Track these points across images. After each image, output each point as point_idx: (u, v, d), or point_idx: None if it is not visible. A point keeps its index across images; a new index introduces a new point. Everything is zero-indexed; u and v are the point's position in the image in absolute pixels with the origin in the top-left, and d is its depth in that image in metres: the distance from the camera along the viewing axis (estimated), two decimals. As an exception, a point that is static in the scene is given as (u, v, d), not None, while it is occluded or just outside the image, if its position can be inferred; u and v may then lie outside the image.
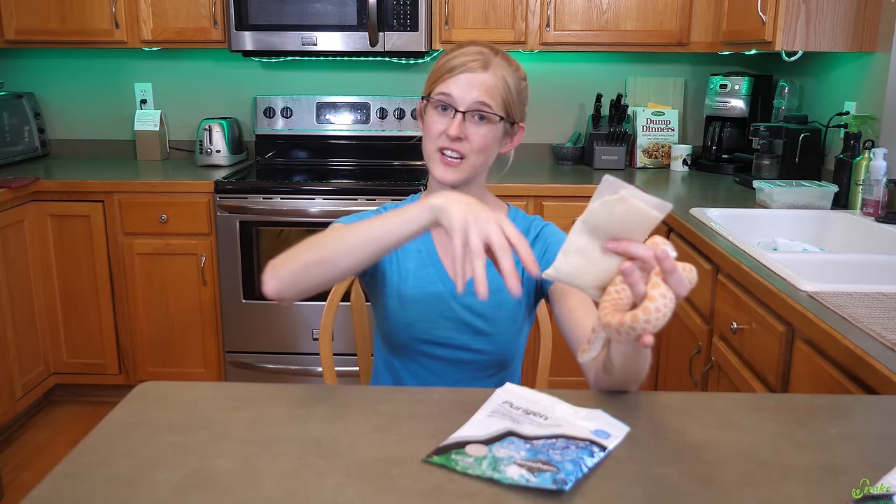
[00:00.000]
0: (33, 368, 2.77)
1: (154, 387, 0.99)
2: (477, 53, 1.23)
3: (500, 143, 1.28)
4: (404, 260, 1.32)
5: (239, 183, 2.73)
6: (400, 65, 3.23)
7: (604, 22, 2.87)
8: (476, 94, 1.21)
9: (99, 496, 0.74)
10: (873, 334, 1.22)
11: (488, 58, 1.23)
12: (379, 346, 1.41)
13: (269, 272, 1.07)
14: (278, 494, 0.74)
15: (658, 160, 3.16)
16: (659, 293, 0.80)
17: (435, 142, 1.24)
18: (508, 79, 1.24)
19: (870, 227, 2.03)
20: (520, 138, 1.32)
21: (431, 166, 1.26)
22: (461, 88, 1.21)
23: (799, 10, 2.29)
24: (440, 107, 1.23)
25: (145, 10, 2.88)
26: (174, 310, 2.82)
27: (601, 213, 0.81)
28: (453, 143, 1.22)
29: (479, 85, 1.21)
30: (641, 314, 0.80)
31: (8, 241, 2.61)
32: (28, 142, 3.15)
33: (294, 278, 1.05)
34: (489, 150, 1.26)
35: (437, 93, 1.23)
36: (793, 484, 0.76)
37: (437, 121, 1.24)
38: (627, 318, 0.80)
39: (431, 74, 1.26)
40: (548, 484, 0.74)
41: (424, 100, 1.27)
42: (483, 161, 1.26)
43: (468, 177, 1.26)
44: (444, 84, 1.22)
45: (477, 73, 1.21)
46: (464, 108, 1.21)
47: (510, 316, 1.30)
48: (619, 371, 0.99)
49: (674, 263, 0.81)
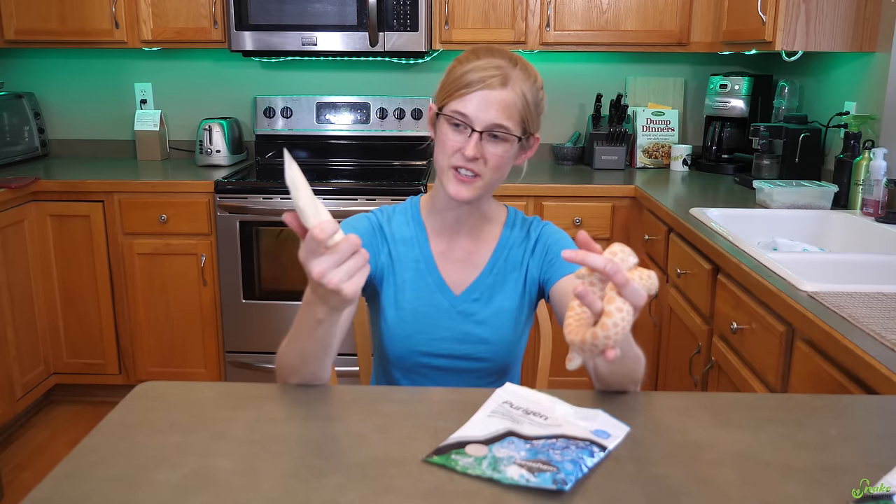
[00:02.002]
0: (33, 368, 2.77)
1: (154, 387, 0.99)
2: (495, 69, 1.16)
3: (515, 156, 1.24)
4: (402, 271, 1.30)
5: (239, 183, 2.73)
6: (400, 65, 3.23)
7: (604, 22, 2.87)
8: (494, 114, 1.16)
9: (99, 496, 0.74)
10: (873, 334, 1.22)
11: (507, 73, 1.17)
12: (377, 363, 1.40)
13: (277, 371, 1.07)
14: (278, 494, 0.74)
15: (658, 160, 3.16)
16: (615, 308, 0.80)
17: (449, 158, 1.20)
18: (527, 93, 1.19)
19: (870, 227, 2.03)
20: (535, 149, 1.28)
21: (444, 182, 1.22)
22: (478, 107, 1.16)
23: (799, 10, 2.29)
24: (454, 123, 1.19)
25: (145, 10, 2.89)
26: (174, 310, 2.82)
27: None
28: (469, 162, 1.18)
29: (496, 104, 1.16)
30: (600, 331, 0.80)
31: (8, 241, 2.61)
32: (28, 142, 3.15)
33: (300, 380, 1.05)
34: (505, 168, 1.23)
35: (451, 110, 1.18)
36: (793, 484, 0.76)
37: (451, 137, 1.19)
38: (588, 336, 0.80)
39: (446, 84, 1.21)
40: (548, 484, 0.74)
41: (438, 112, 1.22)
42: (498, 178, 1.23)
43: (482, 194, 1.23)
44: (460, 101, 1.17)
45: (495, 91, 1.16)
46: (480, 128, 1.17)
47: (510, 322, 1.29)
48: (610, 376, 0.99)
49: (625, 277, 0.79)
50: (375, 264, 1.30)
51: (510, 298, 1.30)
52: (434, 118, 1.24)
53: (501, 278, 1.30)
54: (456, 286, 1.30)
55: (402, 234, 1.32)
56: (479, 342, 1.28)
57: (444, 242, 1.32)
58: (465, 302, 1.29)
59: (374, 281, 1.31)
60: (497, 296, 1.29)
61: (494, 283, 1.30)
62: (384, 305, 1.30)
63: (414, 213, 1.34)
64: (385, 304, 1.30)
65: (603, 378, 1.00)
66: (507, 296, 1.30)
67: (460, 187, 1.20)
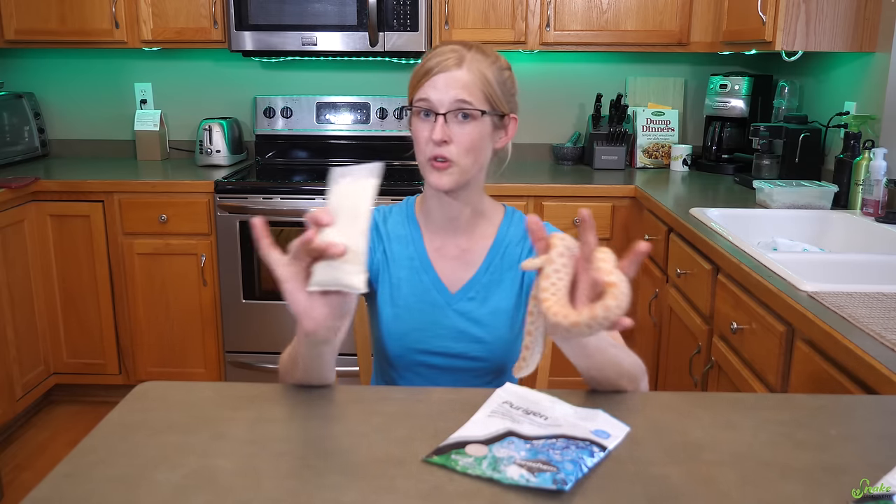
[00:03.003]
0: (33, 368, 2.77)
1: (154, 387, 0.99)
2: (450, 52, 1.21)
3: (491, 139, 1.25)
4: (396, 269, 1.30)
5: (239, 183, 2.73)
6: (400, 65, 3.23)
7: (604, 22, 2.87)
8: (454, 92, 1.19)
9: (99, 496, 0.74)
10: (873, 334, 1.22)
11: (461, 54, 1.20)
12: (375, 363, 1.40)
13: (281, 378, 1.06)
14: (278, 494, 0.74)
15: (658, 160, 3.16)
16: (616, 278, 0.79)
17: (424, 151, 1.22)
18: (486, 71, 1.21)
19: (870, 227, 2.03)
20: (514, 130, 1.28)
21: (425, 175, 1.24)
22: (438, 90, 1.19)
23: (799, 10, 2.29)
24: (422, 113, 1.21)
25: (145, 10, 2.89)
26: (174, 310, 2.82)
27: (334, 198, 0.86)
28: (439, 147, 1.20)
29: (455, 83, 1.19)
30: (612, 301, 0.77)
31: (8, 241, 2.61)
32: (28, 142, 3.15)
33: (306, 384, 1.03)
34: (478, 149, 1.22)
35: (416, 100, 1.21)
36: (793, 484, 0.76)
37: (421, 128, 1.22)
38: (599, 311, 0.78)
39: (410, 81, 1.24)
40: (548, 484, 0.74)
41: (408, 110, 1.25)
42: (474, 160, 1.23)
43: (462, 180, 1.23)
44: (422, 89, 1.20)
45: (452, 72, 1.19)
46: (444, 109, 1.19)
47: (506, 321, 1.29)
48: (593, 373, 0.97)
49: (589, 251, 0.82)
50: (372, 262, 1.30)
51: (506, 298, 1.29)
52: (410, 121, 1.27)
53: (497, 277, 1.30)
54: (451, 284, 1.30)
55: (397, 232, 1.32)
56: (475, 341, 1.28)
57: (439, 240, 1.32)
58: (460, 300, 1.29)
59: (370, 280, 1.31)
60: (493, 295, 1.29)
61: (490, 282, 1.30)
62: (380, 303, 1.30)
63: (409, 211, 1.34)
64: (381, 302, 1.30)
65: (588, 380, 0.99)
66: (503, 295, 1.30)
67: (439, 176, 1.22)
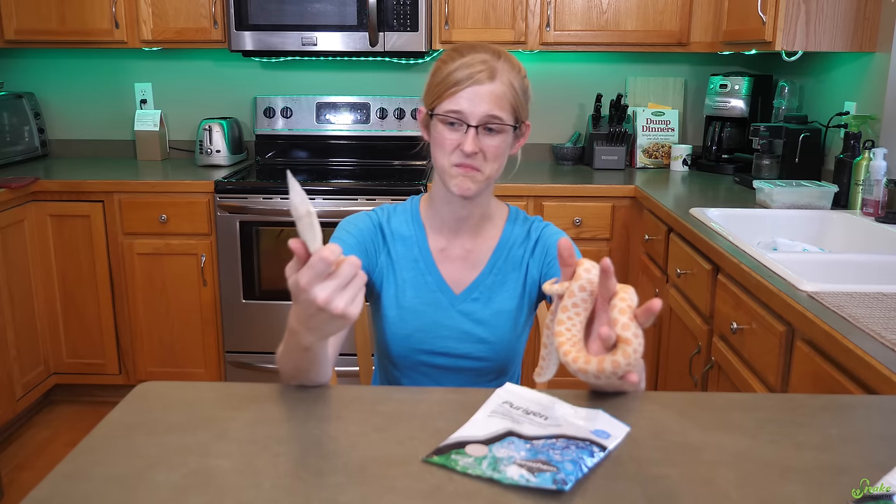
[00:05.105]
0: (33, 368, 2.77)
1: (154, 387, 0.99)
2: (481, 63, 1.18)
3: (511, 146, 1.26)
4: (400, 270, 1.30)
5: (239, 183, 2.73)
6: (400, 65, 3.23)
7: (604, 22, 2.87)
8: (486, 106, 1.18)
9: (99, 496, 0.74)
10: (873, 334, 1.22)
11: (493, 66, 1.19)
12: (378, 361, 1.40)
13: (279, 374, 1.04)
14: (278, 494, 0.74)
15: (658, 160, 3.16)
16: (632, 334, 0.81)
17: (449, 157, 1.21)
18: (515, 83, 1.21)
19: (870, 227, 2.03)
20: (527, 136, 1.30)
21: (447, 180, 1.23)
22: (470, 102, 1.18)
23: (799, 10, 2.29)
24: (449, 122, 1.20)
25: (145, 10, 2.89)
26: (174, 310, 2.82)
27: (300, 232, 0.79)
28: (469, 158, 1.20)
29: (487, 96, 1.18)
30: (622, 359, 0.80)
31: (8, 241, 2.61)
32: (28, 142, 3.15)
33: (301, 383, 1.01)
34: (503, 158, 1.24)
35: (445, 110, 1.19)
36: (793, 484, 0.76)
37: (448, 136, 1.20)
38: (608, 366, 0.81)
39: (434, 86, 1.22)
40: (548, 484, 0.74)
41: (430, 114, 1.23)
42: (498, 168, 1.25)
43: (485, 187, 1.25)
44: (452, 100, 1.18)
45: (484, 85, 1.18)
46: (475, 122, 1.18)
47: (510, 322, 1.29)
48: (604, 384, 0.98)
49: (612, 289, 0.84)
50: (376, 263, 1.30)
51: (510, 299, 1.30)
52: (426, 120, 1.25)
53: (501, 278, 1.30)
54: (456, 285, 1.30)
55: (402, 232, 1.32)
56: (479, 342, 1.28)
57: (444, 241, 1.32)
58: (464, 301, 1.29)
59: (374, 281, 1.31)
60: (497, 296, 1.30)
61: (494, 283, 1.30)
62: (385, 304, 1.30)
63: (413, 212, 1.34)
64: (386, 303, 1.30)
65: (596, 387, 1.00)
66: (507, 296, 1.30)
67: (464, 182, 1.21)
